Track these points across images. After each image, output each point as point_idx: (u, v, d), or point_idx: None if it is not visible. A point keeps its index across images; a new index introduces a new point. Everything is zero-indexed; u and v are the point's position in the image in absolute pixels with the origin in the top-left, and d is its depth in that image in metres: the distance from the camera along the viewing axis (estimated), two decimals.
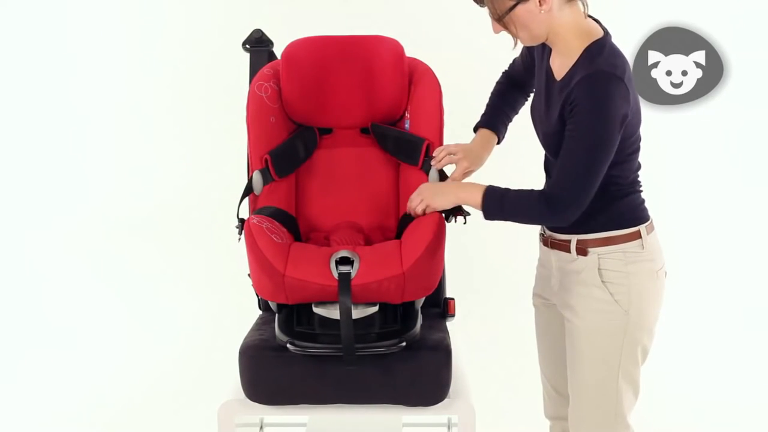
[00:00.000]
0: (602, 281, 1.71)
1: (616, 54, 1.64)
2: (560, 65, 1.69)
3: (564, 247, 1.76)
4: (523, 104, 1.98)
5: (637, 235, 1.71)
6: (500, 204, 1.69)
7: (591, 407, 1.76)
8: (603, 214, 1.71)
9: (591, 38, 1.65)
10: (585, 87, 1.59)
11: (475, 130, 1.95)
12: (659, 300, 1.76)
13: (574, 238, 1.74)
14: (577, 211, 1.64)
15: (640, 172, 1.76)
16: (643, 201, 1.76)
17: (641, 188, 1.77)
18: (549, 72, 1.73)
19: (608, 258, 1.71)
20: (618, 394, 1.74)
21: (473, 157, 1.88)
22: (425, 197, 1.76)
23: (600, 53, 1.63)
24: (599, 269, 1.71)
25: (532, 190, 1.68)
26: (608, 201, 1.70)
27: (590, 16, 1.70)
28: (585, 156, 1.60)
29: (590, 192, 1.63)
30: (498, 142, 1.95)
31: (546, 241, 1.83)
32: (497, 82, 2.01)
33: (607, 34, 1.68)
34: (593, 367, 1.74)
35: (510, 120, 1.98)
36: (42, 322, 3.29)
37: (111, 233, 3.30)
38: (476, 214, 1.89)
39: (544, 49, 1.76)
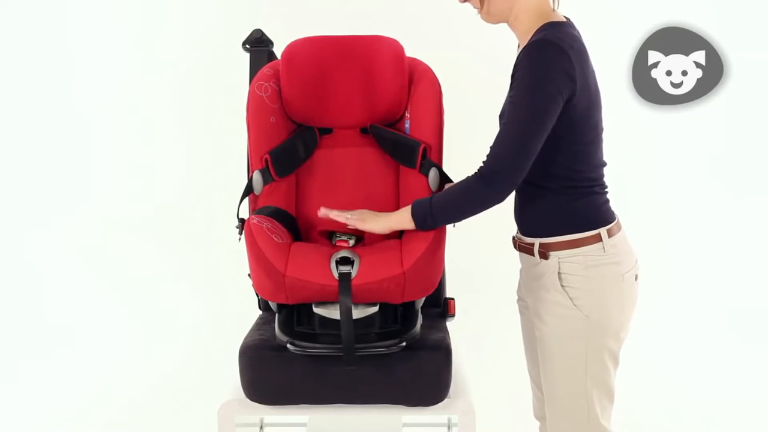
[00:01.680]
0: (561, 285, 1.69)
1: (569, 35, 1.61)
2: (520, 50, 1.69)
3: (529, 250, 1.76)
4: None
5: (598, 238, 1.69)
6: (429, 206, 1.67)
7: (563, 412, 1.75)
8: (563, 217, 1.70)
9: (548, 20, 1.65)
10: (526, 52, 1.58)
11: None
12: (626, 304, 1.72)
13: (537, 242, 1.73)
14: (510, 182, 1.61)
15: (605, 170, 1.74)
16: (606, 201, 1.74)
17: (606, 189, 1.74)
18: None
19: (568, 262, 1.69)
20: (588, 399, 1.71)
21: None
22: (359, 220, 1.75)
23: (549, 29, 1.61)
24: (559, 273, 1.70)
25: (462, 180, 1.67)
26: (568, 202, 1.69)
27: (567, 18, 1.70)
28: (518, 121, 1.58)
29: (525, 163, 1.60)
30: None
31: (515, 244, 1.83)
32: None
33: (568, 22, 1.66)
34: (560, 372, 1.73)
35: None
36: (42, 322, 3.30)
37: (111, 233, 3.30)
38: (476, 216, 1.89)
39: None
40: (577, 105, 1.61)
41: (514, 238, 1.85)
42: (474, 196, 1.64)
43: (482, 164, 1.64)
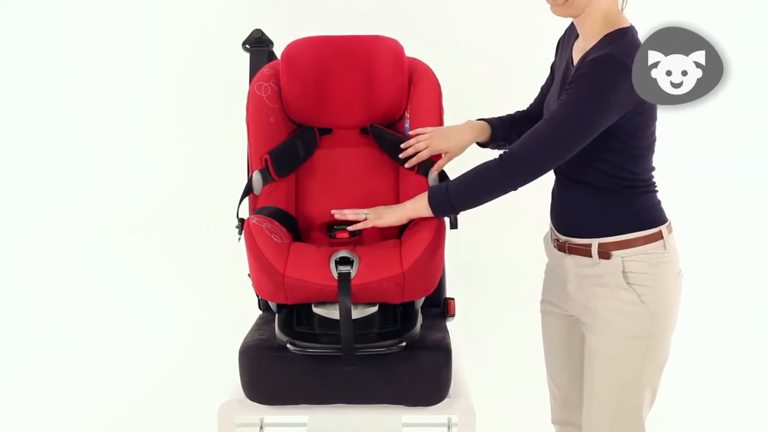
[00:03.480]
0: (628, 283, 1.68)
1: (636, 45, 1.61)
2: (581, 50, 1.68)
3: (584, 251, 1.73)
4: None
5: (659, 236, 1.69)
6: (446, 192, 1.68)
7: (610, 413, 1.73)
8: (623, 216, 1.69)
9: (616, 26, 1.65)
10: (590, 66, 1.58)
11: None
12: (679, 301, 1.73)
13: (595, 242, 1.71)
14: (529, 176, 1.62)
15: (654, 174, 1.74)
16: (659, 201, 1.74)
17: (657, 189, 1.75)
18: (569, 62, 1.73)
19: (632, 260, 1.68)
20: (639, 399, 1.71)
21: (443, 137, 1.84)
22: (371, 217, 1.74)
23: (618, 40, 1.61)
24: (624, 272, 1.68)
25: (481, 165, 1.67)
26: (627, 201, 1.69)
27: None
28: (560, 125, 1.59)
29: (549, 163, 1.62)
30: (493, 139, 1.91)
31: (562, 247, 1.78)
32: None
33: (633, 28, 1.67)
34: (616, 373, 1.71)
35: (511, 132, 1.92)
36: (42, 323, 3.30)
37: (111, 233, 3.30)
38: (475, 215, 1.89)
39: (567, 44, 1.77)
40: (639, 115, 1.62)
41: (556, 240, 1.81)
42: (491, 181, 1.65)
43: (507, 149, 1.65)
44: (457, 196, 1.68)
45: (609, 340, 1.71)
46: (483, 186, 1.67)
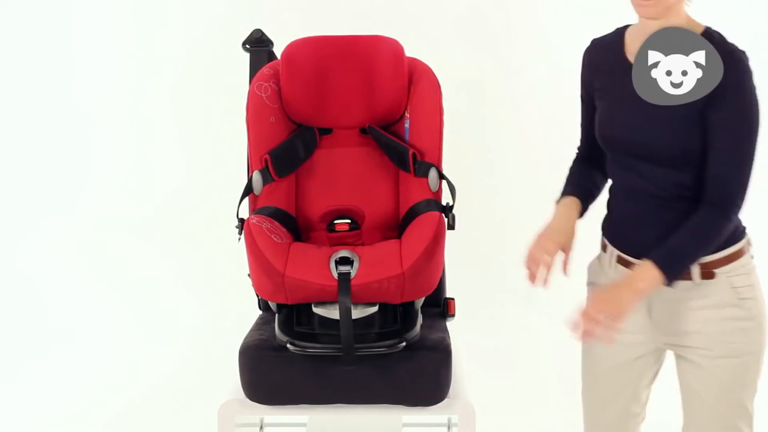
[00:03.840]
0: (739, 299, 1.62)
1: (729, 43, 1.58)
2: None
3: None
4: (603, 180, 1.82)
5: (748, 246, 1.66)
6: (681, 262, 1.57)
7: (725, 428, 1.68)
8: None
9: (697, 27, 1.61)
10: (732, 65, 1.52)
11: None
12: None
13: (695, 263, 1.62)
14: (743, 207, 1.59)
15: None
16: None
17: None
18: (627, 68, 1.64)
19: (736, 275, 1.62)
20: (752, 407, 1.68)
21: (559, 232, 1.72)
22: (609, 312, 1.56)
23: (716, 37, 1.57)
24: (732, 288, 1.62)
25: (697, 219, 1.58)
26: None
27: None
28: (749, 144, 1.55)
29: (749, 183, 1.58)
30: (585, 207, 1.77)
31: None
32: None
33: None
34: (736, 390, 1.66)
35: (591, 188, 1.80)
36: (42, 323, 3.30)
37: (111, 233, 3.31)
38: (474, 215, 1.89)
39: (609, 56, 1.71)
40: None
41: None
42: (721, 231, 1.58)
43: (715, 197, 1.57)
44: (693, 259, 1.59)
45: (727, 360, 1.64)
46: (714, 239, 1.59)
